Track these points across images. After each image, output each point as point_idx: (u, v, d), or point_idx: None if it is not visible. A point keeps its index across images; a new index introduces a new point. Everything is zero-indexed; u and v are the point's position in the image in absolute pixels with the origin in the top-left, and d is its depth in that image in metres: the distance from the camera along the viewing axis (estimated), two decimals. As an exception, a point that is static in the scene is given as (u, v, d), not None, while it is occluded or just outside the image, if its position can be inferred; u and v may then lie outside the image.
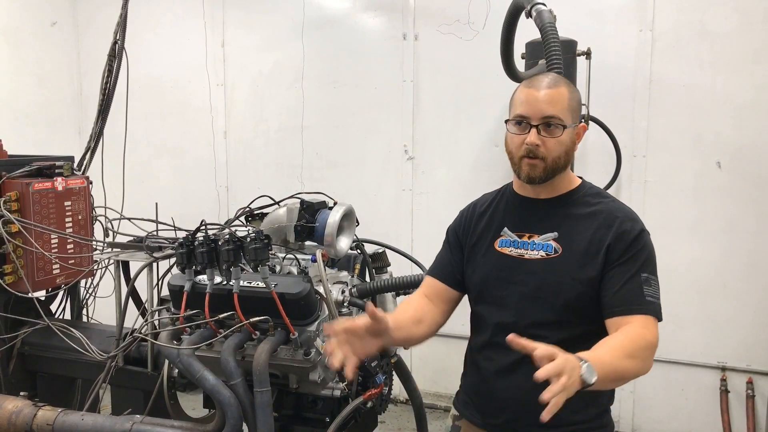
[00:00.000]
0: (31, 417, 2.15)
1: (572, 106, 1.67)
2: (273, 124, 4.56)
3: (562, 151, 1.65)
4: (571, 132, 1.67)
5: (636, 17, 3.61)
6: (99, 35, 4.26)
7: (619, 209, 1.68)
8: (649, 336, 1.55)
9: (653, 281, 1.61)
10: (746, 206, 3.51)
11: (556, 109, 1.63)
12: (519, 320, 1.69)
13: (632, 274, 1.59)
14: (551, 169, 1.66)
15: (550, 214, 1.71)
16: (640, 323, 1.56)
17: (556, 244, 1.67)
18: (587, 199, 1.71)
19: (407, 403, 3.94)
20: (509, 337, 1.44)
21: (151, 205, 2.81)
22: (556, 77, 1.71)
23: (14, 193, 2.62)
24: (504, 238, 1.75)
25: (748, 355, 3.59)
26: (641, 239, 1.63)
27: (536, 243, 1.69)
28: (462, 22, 3.95)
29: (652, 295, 1.59)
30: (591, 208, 1.68)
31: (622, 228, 1.62)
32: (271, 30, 4.48)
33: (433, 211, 4.15)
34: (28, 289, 2.64)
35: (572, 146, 1.69)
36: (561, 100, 1.64)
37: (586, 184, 1.77)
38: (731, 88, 3.48)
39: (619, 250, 1.61)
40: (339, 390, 2.18)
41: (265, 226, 2.37)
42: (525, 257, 1.70)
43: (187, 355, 2.02)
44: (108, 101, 3.00)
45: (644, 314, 1.57)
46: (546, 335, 1.62)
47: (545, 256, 1.67)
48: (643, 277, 1.59)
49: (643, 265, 1.61)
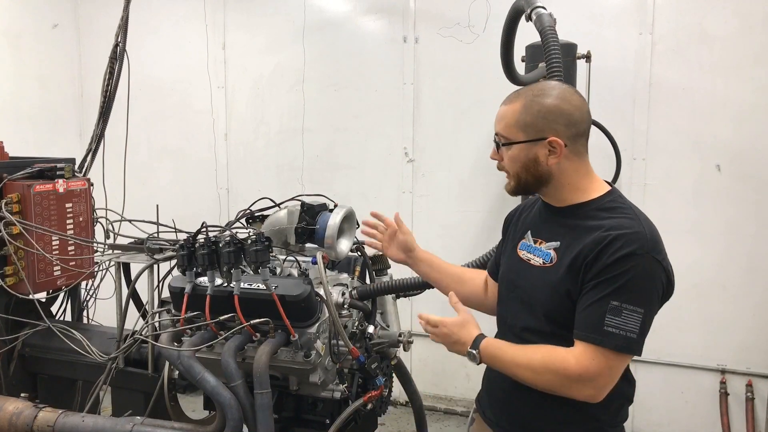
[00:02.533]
0: (32, 418, 2.15)
1: (525, 121, 1.59)
2: (274, 127, 4.56)
3: (518, 167, 1.63)
4: (525, 148, 1.60)
5: (636, 20, 3.62)
6: (100, 37, 4.27)
7: (623, 226, 1.53)
8: (572, 365, 1.50)
9: (627, 311, 1.47)
10: (746, 209, 3.52)
11: (500, 126, 1.66)
12: (515, 323, 1.72)
13: (598, 298, 1.50)
14: (519, 184, 1.67)
15: (559, 223, 1.68)
16: (581, 352, 1.51)
17: (554, 254, 1.65)
18: (599, 212, 1.61)
19: (407, 405, 3.94)
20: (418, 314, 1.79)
21: (151, 207, 2.82)
22: (521, 91, 1.66)
23: (15, 195, 2.62)
24: (524, 242, 1.77)
25: (748, 358, 3.59)
26: (625, 262, 1.48)
27: (541, 250, 1.69)
28: (462, 25, 3.96)
29: (617, 326, 1.47)
30: (596, 222, 1.58)
31: (607, 248, 1.50)
32: (272, 33, 4.49)
33: (434, 214, 4.16)
34: (29, 290, 2.65)
35: (531, 162, 1.61)
36: (507, 116, 1.63)
37: (607, 196, 1.66)
38: (731, 91, 3.48)
39: (596, 271, 1.51)
40: (339, 392, 2.19)
41: (265, 228, 2.37)
42: (530, 262, 1.71)
43: (188, 357, 2.02)
44: (109, 103, 3.00)
45: (593, 344, 1.49)
46: (535, 341, 1.65)
47: (542, 264, 1.67)
48: (612, 305, 1.48)
49: (617, 291, 1.48)
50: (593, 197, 1.65)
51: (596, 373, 1.50)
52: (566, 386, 1.54)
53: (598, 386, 1.52)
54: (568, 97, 1.62)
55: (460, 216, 4.06)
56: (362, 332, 2.33)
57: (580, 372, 1.50)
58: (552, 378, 1.55)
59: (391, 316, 2.65)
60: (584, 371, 1.50)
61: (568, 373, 1.52)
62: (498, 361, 1.63)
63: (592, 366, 1.50)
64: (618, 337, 1.48)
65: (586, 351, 1.51)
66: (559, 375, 1.53)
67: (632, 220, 1.57)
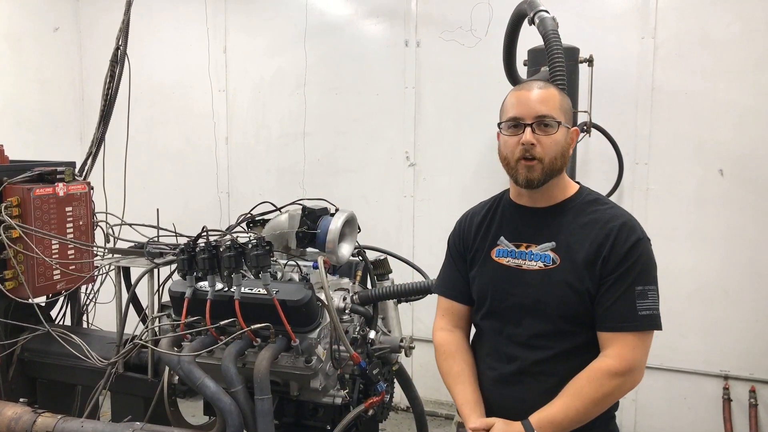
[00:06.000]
0: (31, 423, 2.14)
1: (564, 107, 1.67)
2: (275, 130, 4.56)
3: (558, 150, 1.64)
4: (565, 132, 1.66)
5: (638, 25, 3.62)
6: (101, 41, 4.26)
7: (617, 216, 1.64)
8: (616, 366, 1.56)
9: (650, 292, 1.59)
10: (748, 213, 3.51)
11: (548, 107, 1.64)
12: (519, 332, 1.69)
13: (625, 288, 1.58)
14: (548, 171, 1.64)
15: (547, 224, 1.69)
16: (620, 346, 1.58)
17: (554, 255, 1.66)
18: (585, 206, 1.69)
19: (408, 411, 3.93)
20: (470, 426, 1.65)
21: (152, 211, 2.81)
22: (545, 82, 1.74)
23: (15, 199, 2.61)
24: (501, 248, 1.74)
25: (751, 364, 3.57)
26: (636, 250, 1.59)
27: (534, 253, 1.68)
28: (464, 29, 3.96)
29: (648, 308, 1.58)
30: (589, 217, 1.66)
31: (617, 239, 1.60)
32: (273, 36, 4.49)
33: (435, 218, 4.15)
34: (28, 294, 2.64)
35: (568, 148, 1.68)
36: (552, 100, 1.65)
37: (584, 191, 1.75)
38: (733, 95, 3.48)
39: (614, 263, 1.59)
40: (340, 398, 2.17)
41: (266, 232, 2.36)
42: (524, 268, 1.69)
43: (188, 362, 2.01)
44: (110, 107, 3.00)
45: (635, 331, 1.58)
46: (547, 345, 1.64)
47: (543, 267, 1.66)
48: (637, 290, 1.58)
49: (637, 277, 1.58)
50: (573, 193, 1.73)
51: (640, 358, 1.58)
52: (624, 386, 1.59)
53: (642, 367, 1.60)
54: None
55: (462, 220, 4.03)
56: (363, 337, 2.32)
57: (627, 366, 1.57)
58: (613, 391, 1.58)
59: (393, 321, 2.64)
60: (630, 363, 1.57)
61: (619, 375, 1.57)
62: (559, 426, 1.59)
63: (636, 354, 1.57)
64: (651, 317, 1.58)
65: (626, 342, 1.57)
66: (614, 384, 1.57)
67: (616, 208, 1.69)
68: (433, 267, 2.87)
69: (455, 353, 1.82)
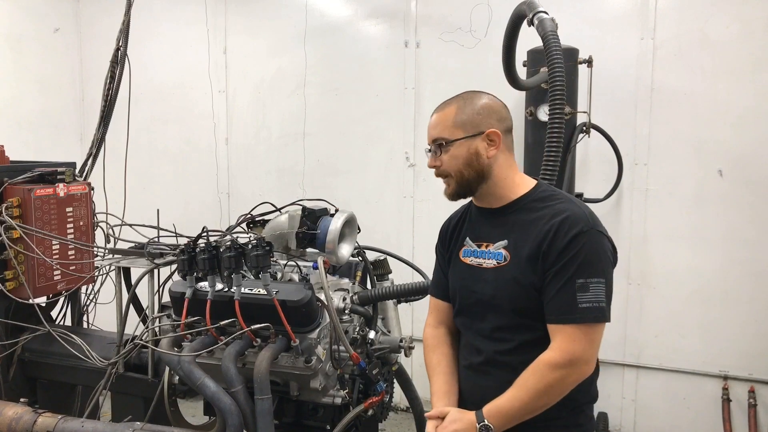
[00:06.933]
0: (31, 423, 2.15)
1: (462, 119, 1.71)
2: (275, 131, 4.56)
3: (459, 163, 1.71)
4: (465, 144, 1.70)
5: (637, 25, 3.62)
6: (101, 41, 4.26)
7: (563, 211, 1.65)
8: (557, 359, 1.59)
9: (592, 284, 1.59)
10: (747, 214, 3.51)
11: (437, 130, 1.75)
12: (483, 326, 1.76)
13: (565, 281, 1.60)
14: (462, 182, 1.74)
15: (501, 223, 1.75)
16: (561, 339, 1.60)
17: (506, 252, 1.71)
18: (535, 204, 1.71)
19: (408, 411, 3.93)
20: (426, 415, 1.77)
21: (152, 212, 2.82)
22: (450, 99, 1.77)
23: (16, 199, 2.62)
24: (466, 248, 1.82)
25: (750, 364, 3.57)
26: (577, 242, 1.60)
27: (491, 252, 1.75)
28: (464, 30, 3.96)
29: (589, 300, 1.58)
30: (537, 213, 1.69)
31: (557, 233, 1.61)
32: (273, 37, 4.49)
33: (435, 219, 4.10)
34: (29, 295, 2.64)
35: (473, 156, 1.70)
36: (444, 120, 1.73)
37: (539, 187, 1.76)
38: (732, 96, 3.48)
39: (553, 256, 1.61)
40: (340, 398, 2.18)
41: (266, 232, 2.37)
42: (483, 266, 1.76)
43: (188, 362, 2.02)
44: (110, 107, 3.01)
45: (575, 323, 1.59)
46: (509, 338, 1.71)
47: (497, 264, 1.72)
48: (578, 283, 1.59)
49: (578, 269, 1.59)
50: (526, 191, 1.75)
51: (582, 350, 1.59)
52: (567, 378, 1.60)
53: (587, 360, 1.61)
54: (494, 99, 1.77)
55: (461, 221, 4.04)
56: (363, 337, 2.33)
57: (568, 358, 1.59)
58: (554, 383, 1.60)
59: (393, 321, 2.65)
60: (571, 355, 1.59)
61: (560, 367, 1.59)
62: (506, 416, 1.65)
63: (576, 346, 1.59)
64: (592, 309, 1.59)
65: (566, 335, 1.60)
66: (556, 376, 1.59)
67: (568, 203, 1.69)
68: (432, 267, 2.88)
69: (436, 347, 1.91)
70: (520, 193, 1.75)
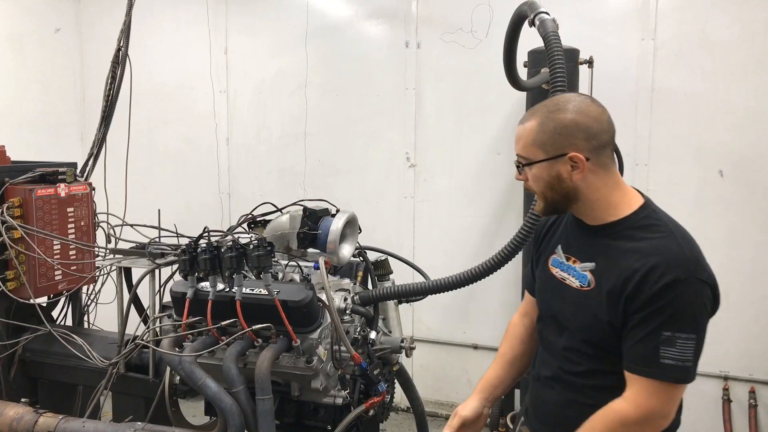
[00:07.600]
0: (32, 424, 2.15)
1: (541, 139, 1.54)
2: (275, 131, 4.56)
3: (542, 186, 1.58)
4: (546, 167, 1.55)
5: (638, 26, 3.62)
6: (102, 42, 4.27)
7: (660, 250, 1.47)
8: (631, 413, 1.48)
9: (680, 339, 1.43)
10: (748, 215, 3.51)
11: (519, 146, 1.60)
12: (556, 341, 1.69)
13: (649, 331, 1.45)
14: (551, 204, 1.61)
15: (592, 243, 1.61)
16: (637, 390, 1.48)
17: (591, 277, 1.58)
18: (632, 232, 1.53)
19: (409, 411, 3.93)
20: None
21: (153, 212, 2.82)
22: (536, 108, 1.60)
23: (17, 199, 2.62)
24: (555, 257, 1.71)
25: (751, 365, 3.57)
26: (668, 291, 1.42)
27: (576, 270, 1.63)
28: (465, 31, 3.96)
29: (673, 357, 1.43)
30: (633, 244, 1.51)
31: (646, 276, 1.44)
32: (274, 37, 4.49)
33: (435, 219, 4.15)
34: (30, 295, 2.64)
35: (555, 180, 1.55)
36: (525, 136, 1.58)
37: (640, 212, 1.57)
38: (733, 96, 3.48)
39: (638, 303, 1.46)
40: (341, 398, 2.18)
41: (267, 233, 2.37)
42: (566, 282, 1.66)
43: (189, 363, 2.02)
44: (111, 108, 3.01)
45: (652, 378, 1.46)
46: (579, 361, 1.63)
47: (580, 287, 1.61)
48: (663, 336, 1.43)
49: (666, 321, 1.43)
50: (627, 214, 1.57)
51: (660, 406, 1.48)
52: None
53: (664, 415, 1.50)
54: (585, 109, 1.54)
55: (462, 221, 4.05)
56: (364, 338, 2.33)
57: (642, 414, 1.48)
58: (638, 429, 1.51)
59: (393, 321, 2.65)
60: (647, 411, 1.48)
61: (633, 423, 1.49)
62: None
63: (653, 402, 1.47)
64: (675, 368, 1.44)
65: (644, 387, 1.47)
66: (640, 425, 1.49)
67: (669, 239, 1.50)
68: (433, 267, 2.88)
69: (511, 337, 1.93)
70: (618, 216, 1.56)
